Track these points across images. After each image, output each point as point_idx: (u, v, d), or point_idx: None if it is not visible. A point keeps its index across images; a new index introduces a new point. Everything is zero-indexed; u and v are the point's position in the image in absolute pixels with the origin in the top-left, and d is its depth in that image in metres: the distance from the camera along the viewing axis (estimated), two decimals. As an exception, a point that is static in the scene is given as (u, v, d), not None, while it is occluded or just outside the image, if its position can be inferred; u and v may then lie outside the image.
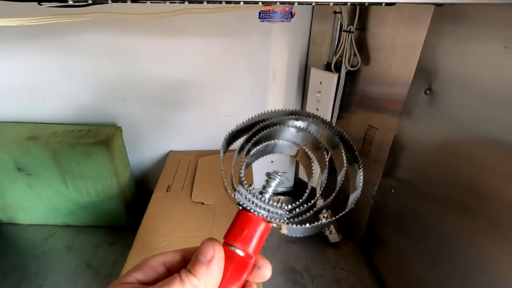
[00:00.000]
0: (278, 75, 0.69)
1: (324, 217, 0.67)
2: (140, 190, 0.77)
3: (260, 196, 0.22)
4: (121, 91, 0.68)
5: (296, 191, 0.85)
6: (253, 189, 0.22)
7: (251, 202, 0.21)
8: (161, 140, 0.76)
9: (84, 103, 0.68)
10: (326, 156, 0.24)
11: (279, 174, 0.23)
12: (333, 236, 0.67)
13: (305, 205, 0.22)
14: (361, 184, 0.23)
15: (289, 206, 0.21)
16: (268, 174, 0.23)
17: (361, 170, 0.23)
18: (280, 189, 0.86)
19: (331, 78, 0.56)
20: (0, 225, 0.72)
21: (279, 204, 0.21)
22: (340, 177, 0.23)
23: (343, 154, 0.23)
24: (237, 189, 0.22)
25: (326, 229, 0.67)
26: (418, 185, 0.49)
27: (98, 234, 0.70)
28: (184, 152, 0.75)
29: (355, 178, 0.23)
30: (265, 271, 0.22)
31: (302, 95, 0.72)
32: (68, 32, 0.61)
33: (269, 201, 0.22)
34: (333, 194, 0.22)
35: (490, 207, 0.37)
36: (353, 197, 0.23)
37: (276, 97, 0.72)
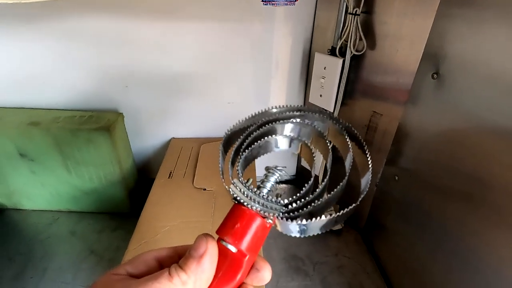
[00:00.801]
0: (281, 60, 0.68)
1: (329, 214, 0.67)
2: (142, 178, 0.77)
3: (257, 190, 0.21)
4: (122, 77, 0.67)
5: (299, 179, 0.85)
6: (251, 183, 0.21)
7: (246, 196, 0.20)
8: (163, 128, 0.75)
9: (85, 89, 0.67)
10: (329, 147, 0.23)
11: (278, 168, 0.22)
12: (335, 223, 0.67)
13: (302, 200, 0.20)
14: (368, 183, 0.21)
15: (286, 201, 0.20)
16: (267, 169, 0.22)
17: (369, 167, 0.21)
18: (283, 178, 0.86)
19: (336, 63, 0.55)
20: (4, 211, 0.73)
21: (276, 199, 0.20)
22: (347, 167, 0.22)
23: (349, 145, 0.22)
24: (232, 182, 0.21)
25: (328, 215, 0.66)
26: (422, 174, 0.48)
27: (101, 220, 0.71)
28: (186, 140, 0.75)
29: (364, 175, 0.22)
30: (264, 273, 0.21)
31: (306, 81, 0.71)
32: (69, 17, 0.60)
33: (265, 196, 0.21)
34: (336, 189, 0.21)
35: (494, 197, 0.36)
36: (364, 182, 0.21)
37: (279, 83, 0.71)
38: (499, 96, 0.35)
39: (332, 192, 0.20)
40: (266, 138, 0.23)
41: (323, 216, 0.19)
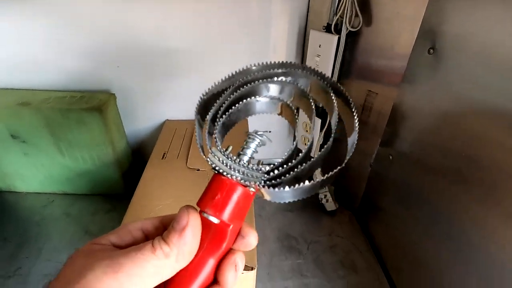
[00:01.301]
0: (278, 40, 0.66)
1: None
2: (136, 159, 0.77)
3: (236, 158, 0.20)
4: (114, 56, 0.65)
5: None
6: (230, 151, 0.20)
7: (225, 165, 0.19)
8: (156, 109, 0.74)
9: (76, 69, 0.66)
10: (313, 106, 0.21)
11: (259, 133, 0.20)
12: (329, 204, 0.68)
13: (285, 166, 0.19)
14: (354, 143, 0.20)
15: (267, 168, 0.19)
16: (248, 134, 0.21)
17: (356, 126, 0.20)
18: (279, 160, 0.86)
19: (331, 40, 0.54)
20: (-1, 193, 0.73)
21: (258, 166, 0.19)
22: (333, 126, 0.21)
23: (334, 102, 0.20)
24: (211, 151, 0.20)
25: (323, 196, 0.67)
26: (416, 154, 0.48)
27: (95, 202, 0.71)
28: (181, 121, 0.74)
29: (350, 135, 0.21)
30: (250, 239, 0.21)
31: (301, 62, 0.70)
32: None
33: (245, 164, 0.20)
34: (320, 152, 0.19)
35: (487, 177, 0.36)
36: (350, 143, 0.20)
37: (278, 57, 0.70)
38: (495, 74, 0.34)
39: (315, 156, 0.19)
40: (244, 100, 0.22)
41: (306, 182, 0.18)
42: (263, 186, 0.19)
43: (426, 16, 0.43)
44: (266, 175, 0.19)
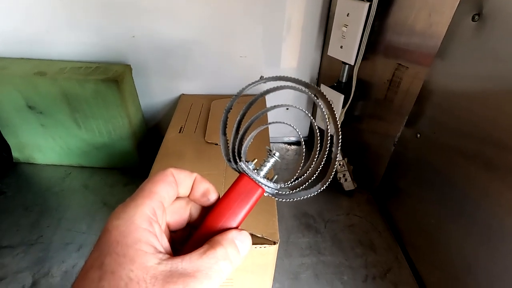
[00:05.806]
0: (296, 12, 0.63)
1: (340, 164, 0.65)
2: (151, 134, 0.76)
3: (256, 171, 0.24)
4: (129, 26, 0.63)
5: (311, 140, 0.83)
6: (254, 163, 0.24)
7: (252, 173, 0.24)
8: (172, 83, 0.72)
9: (89, 39, 0.64)
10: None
11: (276, 154, 0.24)
12: (347, 184, 0.66)
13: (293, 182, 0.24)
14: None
15: (280, 185, 0.24)
16: (267, 152, 0.24)
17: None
18: (294, 139, 0.84)
19: (361, 8, 0.50)
20: (18, 165, 0.74)
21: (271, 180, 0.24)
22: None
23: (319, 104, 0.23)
24: (238, 163, 0.24)
25: (342, 176, 0.65)
26: (443, 136, 0.46)
27: (112, 175, 0.71)
28: (197, 96, 0.72)
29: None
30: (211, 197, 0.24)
31: (324, 34, 0.66)
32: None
33: (264, 177, 0.24)
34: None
35: None
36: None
37: (293, 35, 0.66)
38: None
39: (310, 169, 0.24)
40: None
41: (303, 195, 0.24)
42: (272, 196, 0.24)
43: (472, -21, 0.39)
44: (277, 190, 0.24)
